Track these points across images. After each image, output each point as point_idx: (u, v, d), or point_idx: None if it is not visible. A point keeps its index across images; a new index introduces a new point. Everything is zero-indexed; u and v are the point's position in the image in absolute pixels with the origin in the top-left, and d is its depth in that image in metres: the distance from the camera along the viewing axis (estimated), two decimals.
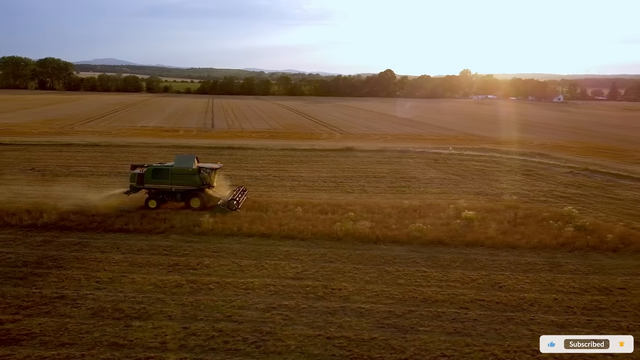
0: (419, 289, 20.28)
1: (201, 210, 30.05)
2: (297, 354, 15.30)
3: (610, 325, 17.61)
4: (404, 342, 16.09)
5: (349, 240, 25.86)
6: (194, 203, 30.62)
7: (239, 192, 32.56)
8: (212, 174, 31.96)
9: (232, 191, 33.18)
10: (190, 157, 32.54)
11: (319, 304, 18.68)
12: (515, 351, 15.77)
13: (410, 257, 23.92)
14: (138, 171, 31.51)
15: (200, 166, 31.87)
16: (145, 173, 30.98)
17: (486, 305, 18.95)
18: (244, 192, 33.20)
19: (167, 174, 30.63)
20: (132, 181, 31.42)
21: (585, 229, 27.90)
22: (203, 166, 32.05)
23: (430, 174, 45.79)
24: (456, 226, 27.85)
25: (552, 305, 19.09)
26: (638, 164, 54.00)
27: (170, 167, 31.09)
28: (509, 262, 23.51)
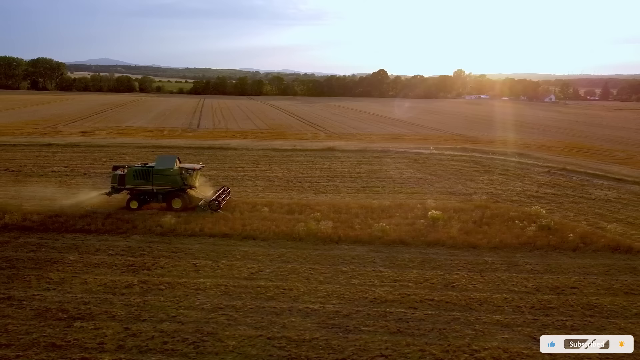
0: (371, 289, 20.27)
1: (183, 210, 29.92)
2: (234, 355, 15.26)
3: (554, 325, 17.64)
4: (345, 342, 16.06)
5: (310, 240, 25.83)
6: (175, 204, 30.49)
7: (222, 193, 32.44)
8: (193, 174, 31.80)
9: (214, 191, 33.04)
10: (172, 157, 32.38)
11: (267, 304, 18.63)
12: (455, 351, 15.77)
13: (369, 257, 23.91)
14: (119, 172, 31.31)
15: (182, 167, 31.71)
16: (127, 174, 30.85)
17: (435, 305, 18.95)
18: (227, 193, 33.06)
19: (148, 175, 30.49)
20: (113, 182, 31.28)
21: (550, 229, 27.99)
22: (185, 167, 31.91)
23: (407, 174, 45.83)
24: (420, 226, 27.86)
25: (501, 305, 19.11)
26: (616, 164, 54.21)
27: (152, 167, 30.94)
28: (467, 262, 23.53)
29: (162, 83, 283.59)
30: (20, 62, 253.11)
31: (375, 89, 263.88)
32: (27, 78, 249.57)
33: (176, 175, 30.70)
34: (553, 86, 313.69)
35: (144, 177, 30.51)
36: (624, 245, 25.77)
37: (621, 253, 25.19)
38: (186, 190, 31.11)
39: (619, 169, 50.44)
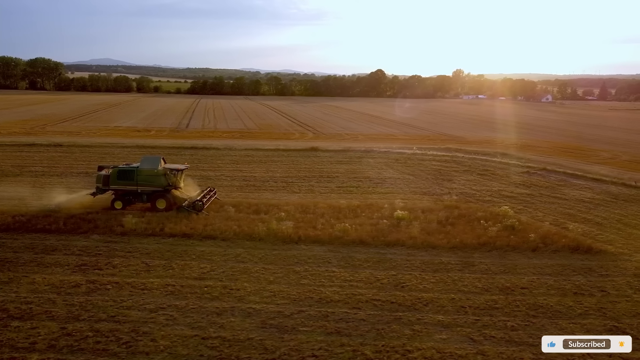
0: (319, 289, 20.24)
1: (167, 211, 29.86)
2: (164, 355, 15.24)
3: (495, 326, 17.59)
4: (279, 343, 16.04)
5: (270, 240, 25.80)
6: (159, 204, 30.45)
7: (207, 193, 32.40)
8: (178, 175, 31.75)
9: (200, 192, 32.98)
10: (156, 158, 32.34)
11: (210, 304, 18.61)
12: (388, 351, 15.73)
13: (326, 257, 23.88)
14: (104, 173, 31.27)
15: (166, 167, 31.65)
16: (111, 174, 30.81)
17: (379, 306, 18.91)
18: (212, 193, 33.03)
19: (133, 175, 30.46)
20: (98, 183, 31.22)
21: (513, 229, 27.96)
22: (169, 167, 31.84)
23: (386, 174, 45.78)
24: (383, 226, 27.84)
25: (446, 305, 19.07)
26: (598, 164, 54.12)
27: (136, 168, 30.89)
28: (423, 262, 23.48)
29: (160, 83, 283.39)
30: (18, 62, 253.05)
31: (373, 89, 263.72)
32: (25, 78, 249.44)
33: (160, 176, 30.67)
34: (552, 86, 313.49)
35: (129, 178, 30.50)
36: (584, 245, 25.70)
37: (580, 253, 25.14)
38: (170, 190, 31.05)
39: (599, 169, 50.33)
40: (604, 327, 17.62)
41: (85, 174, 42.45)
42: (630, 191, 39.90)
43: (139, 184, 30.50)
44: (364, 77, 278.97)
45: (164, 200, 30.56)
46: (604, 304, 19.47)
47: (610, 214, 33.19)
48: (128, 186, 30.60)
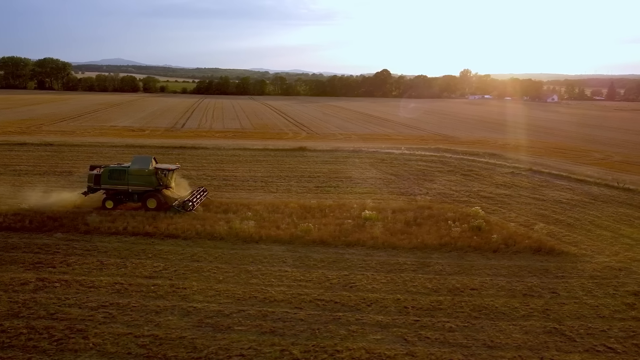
0: (267, 288, 20.26)
1: (157, 210, 30.00)
2: (92, 352, 15.35)
3: (433, 327, 17.50)
4: (210, 341, 16.08)
5: (231, 240, 25.87)
6: (150, 204, 30.63)
7: (198, 193, 32.54)
8: (168, 174, 31.91)
9: (191, 192, 33.12)
10: (147, 158, 32.55)
11: (152, 302, 18.71)
12: (317, 351, 15.72)
13: (282, 256, 23.89)
14: (95, 172, 31.51)
15: (157, 167, 31.84)
16: (102, 174, 31.06)
17: (322, 305, 18.89)
18: (203, 193, 33.18)
19: (123, 175, 30.69)
20: (89, 182, 31.47)
21: (480, 229, 27.80)
22: (160, 167, 32.03)
23: (369, 174, 45.66)
24: (347, 226, 27.80)
25: (390, 306, 19.00)
26: (588, 164, 53.63)
27: (127, 168, 31.13)
28: (378, 262, 23.42)
29: (166, 83, 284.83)
30: (27, 62, 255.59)
31: (379, 89, 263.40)
32: (34, 78, 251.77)
33: (151, 176, 30.86)
34: (559, 86, 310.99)
35: (120, 177, 30.73)
36: (546, 246, 25.50)
37: (542, 255, 24.94)
38: (161, 190, 31.21)
39: (586, 169, 49.81)
40: (543, 329, 17.47)
41: (68, 173, 42.91)
42: (611, 192, 39.46)
43: (129, 184, 30.70)
44: (370, 77, 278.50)
45: (155, 199, 30.71)
46: (551, 306, 19.29)
47: (585, 215, 32.86)
48: (119, 186, 30.82)
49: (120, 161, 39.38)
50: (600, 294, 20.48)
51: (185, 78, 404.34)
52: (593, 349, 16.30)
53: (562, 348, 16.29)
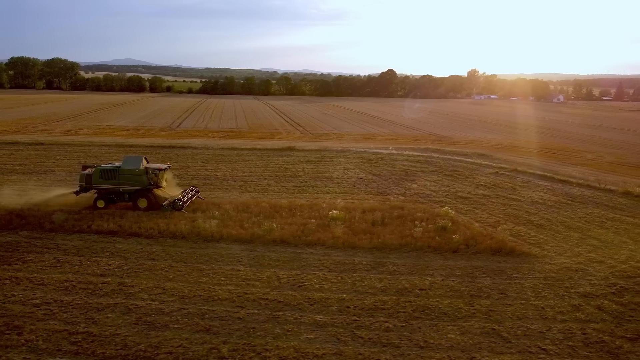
0: (214, 287, 20.35)
1: (148, 210, 30.23)
2: (23, 349, 15.53)
3: (371, 327, 17.48)
4: (142, 339, 16.20)
5: (193, 238, 26.01)
6: (141, 203, 30.88)
7: (189, 193, 32.78)
8: (159, 174, 32.14)
9: (182, 191, 33.28)
10: (138, 158, 32.79)
11: (96, 300, 18.87)
12: (245, 349, 15.77)
13: (239, 255, 23.99)
14: (87, 172, 31.82)
15: (148, 167, 32.08)
16: (94, 174, 31.35)
17: (264, 304, 18.95)
18: (194, 193, 33.40)
19: (114, 175, 30.96)
20: (81, 181, 31.78)
21: (445, 230, 27.68)
22: (151, 167, 32.27)
23: (351, 174, 45.63)
24: (312, 226, 27.83)
25: (332, 305, 19.00)
26: (576, 165, 53.24)
27: (118, 167, 31.41)
28: (334, 262, 23.42)
29: (172, 83, 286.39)
30: (36, 63, 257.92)
31: (384, 89, 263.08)
32: (42, 78, 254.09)
33: (142, 175, 31.06)
34: (567, 86, 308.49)
35: (111, 177, 30.98)
36: (507, 247, 25.34)
37: (501, 255, 24.80)
38: (152, 189, 31.44)
39: (573, 170, 49.41)
40: (481, 330, 17.38)
41: (51, 172, 43.34)
42: (592, 193, 39.09)
43: (120, 183, 30.92)
44: (375, 78, 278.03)
45: (145, 199, 30.93)
46: (496, 307, 19.19)
47: (558, 215, 32.58)
48: (110, 185, 31.05)
49: (111, 160, 39.72)
50: (549, 295, 20.32)
51: (193, 78, 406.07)
52: (526, 350, 16.19)
53: (494, 349, 16.20)
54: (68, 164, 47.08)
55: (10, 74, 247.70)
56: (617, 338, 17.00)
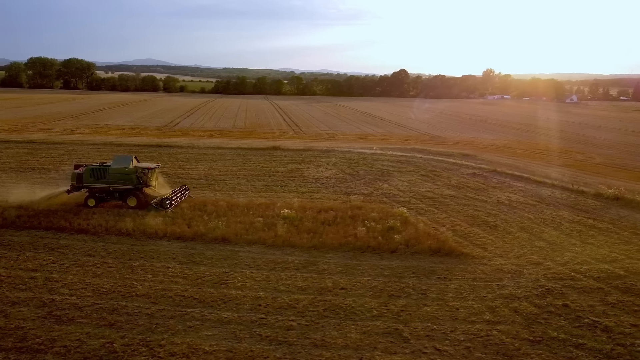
0: (136, 283, 20.64)
1: (138, 208, 30.76)
2: None
3: (274, 325, 17.55)
4: (44, 332, 16.54)
5: (137, 235, 26.41)
6: (130, 202, 31.45)
7: (179, 192, 33.30)
8: (148, 173, 32.63)
9: (172, 190, 33.81)
10: (128, 157, 33.43)
11: (16, 294, 19.31)
12: (139, 345, 16.01)
13: (176, 253, 24.28)
14: (78, 171, 32.47)
15: (138, 166, 32.64)
16: (84, 173, 31.99)
17: (178, 301, 19.17)
18: (184, 192, 33.92)
19: (105, 174, 31.57)
20: (72, 180, 32.46)
21: (393, 229, 27.60)
22: (140, 166, 32.83)
23: (326, 173, 45.66)
24: (258, 224, 28.00)
25: (246, 303, 19.13)
26: (560, 166, 52.63)
27: (108, 167, 32.06)
28: (267, 261, 23.56)
29: (186, 83, 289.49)
30: (53, 63, 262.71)
31: (395, 89, 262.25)
32: (60, 78, 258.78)
33: (131, 174, 31.61)
34: (587, 86, 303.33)
35: (101, 176, 31.58)
36: (445, 248, 25.16)
37: (440, 256, 24.64)
38: (142, 188, 31.97)
39: (554, 171, 48.78)
40: (384, 330, 17.33)
41: (31, 170, 44.29)
42: (562, 194, 38.50)
43: (110, 182, 31.47)
44: (387, 77, 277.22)
45: (135, 198, 31.45)
46: (410, 307, 19.10)
47: (518, 217, 32.21)
48: (101, 184, 31.63)
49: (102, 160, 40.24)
50: (469, 297, 20.16)
51: (211, 78, 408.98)
52: (420, 350, 16.12)
53: (389, 349, 16.16)
54: (50, 162, 48.10)
55: (29, 74, 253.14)
56: (520, 340, 16.80)
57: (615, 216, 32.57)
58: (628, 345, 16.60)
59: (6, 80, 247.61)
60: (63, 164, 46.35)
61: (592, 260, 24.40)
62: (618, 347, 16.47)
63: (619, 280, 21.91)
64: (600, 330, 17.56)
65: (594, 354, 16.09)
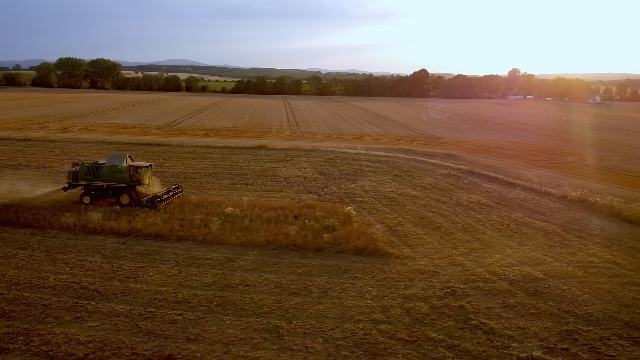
0: (50, 275, 21.31)
1: (130, 206, 31.78)
2: None
3: (160, 319, 17.92)
4: None
5: (78, 230, 27.27)
6: (123, 199, 32.50)
7: (170, 190, 34.22)
8: (140, 171, 33.67)
9: (166, 189, 34.61)
10: (122, 156, 34.63)
11: None
12: (20, 333, 16.57)
13: (106, 247, 24.97)
14: (74, 169, 33.78)
15: (131, 164, 33.76)
16: (80, 171, 33.23)
17: (80, 294, 19.75)
18: (177, 190, 34.81)
19: (99, 172, 32.74)
20: (68, 178, 33.75)
21: (331, 229, 27.71)
22: (133, 165, 33.94)
23: (299, 173, 45.88)
24: (197, 222, 28.51)
25: (143, 297, 19.56)
26: (545, 168, 51.51)
27: (102, 165, 33.28)
28: (188, 257, 23.99)
29: (208, 83, 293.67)
30: (81, 63, 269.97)
31: (415, 89, 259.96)
32: (87, 78, 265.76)
33: (124, 172, 32.70)
34: (615, 86, 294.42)
35: (95, 174, 32.73)
36: (370, 247, 25.14)
37: (363, 255, 24.66)
38: (134, 186, 33.01)
39: (532, 172, 47.72)
40: (263, 327, 17.49)
41: (15, 167, 45.91)
42: (528, 196, 37.76)
43: (104, 180, 32.57)
44: (407, 78, 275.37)
45: (127, 195, 32.45)
46: (303, 305, 19.20)
47: (468, 218, 31.84)
48: (95, 182, 32.73)
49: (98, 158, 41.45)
50: (370, 296, 20.15)
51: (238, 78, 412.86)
52: (288, 347, 16.24)
53: (258, 345, 16.35)
54: (37, 159, 49.73)
55: (58, 74, 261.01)
56: (394, 340, 16.76)
57: (568, 219, 31.86)
58: (502, 347, 16.39)
59: (37, 80, 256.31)
60: (50, 162, 48.04)
61: (518, 263, 24.02)
62: (491, 349, 16.28)
63: (532, 284, 21.55)
64: (483, 332, 17.37)
65: (462, 355, 15.95)
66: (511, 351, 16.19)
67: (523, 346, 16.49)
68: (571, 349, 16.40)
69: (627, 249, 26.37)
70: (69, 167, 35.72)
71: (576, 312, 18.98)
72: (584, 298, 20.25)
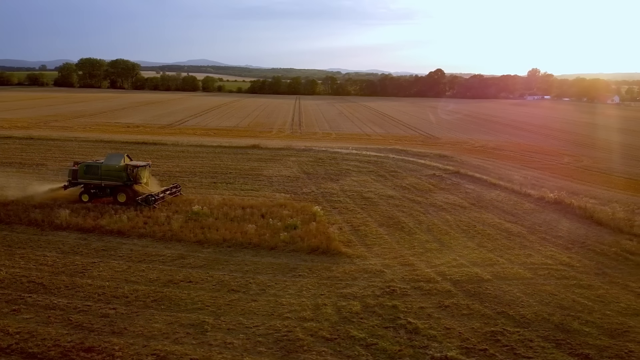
0: (3, 269, 22.02)
1: (127, 204, 32.50)
2: None
3: (94, 312, 18.40)
4: None
5: (45, 225, 28.04)
6: (120, 198, 33.40)
7: (169, 189, 35.13)
8: (137, 170, 34.48)
9: (164, 188, 35.55)
10: (119, 155, 35.60)
11: None
12: None
13: (65, 243, 25.65)
14: (74, 167, 34.82)
15: (128, 164, 34.65)
16: (79, 169, 34.27)
17: (26, 287, 20.31)
18: (175, 190, 35.69)
19: (97, 171, 33.71)
20: (69, 177, 34.82)
21: (295, 228, 27.92)
22: (131, 164, 34.83)
23: (284, 172, 46.19)
24: (160, 219, 29.04)
25: (84, 292, 20.06)
26: (535, 169, 50.86)
27: (101, 164, 34.27)
28: (142, 254, 24.47)
29: (225, 83, 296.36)
30: (102, 63, 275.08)
31: (431, 89, 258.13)
32: (107, 78, 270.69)
33: (121, 171, 33.61)
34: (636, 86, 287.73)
35: (94, 173, 33.69)
36: (323, 247, 25.26)
37: (315, 254, 24.80)
38: (131, 185, 33.89)
39: (520, 174, 47.16)
40: (190, 322, 17.79)
41: (8, 164, 47.26)
42: (505, 197, 37.36)
43: (102, 179, 33.51)
44: (422, 78, 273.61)
45: (124, 194, 33.29)
46: (237, 302, 19.46)
47: (436, 218, 31.71)
48: (94, 180, 33.68)
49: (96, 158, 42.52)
50: (308, 294, 20.27)
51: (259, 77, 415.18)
52: (208, 342, 16.51)
53: (179, 340, 16.66)
54: (32, 157, 51.07)
55: (79, 74, 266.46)
56: (315, 338, 16.90)
57: (539, 221, 31.48)
58: (420, 347, 16.41)
59: (59, 80, 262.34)
60: (44, 160, 49.32)
61: (469, 264, 23.90)
62: (408, 348, 16.31)
63: (475, 285, 21.45)
64: (406, 331, 17.39)
65: (377, 354, 16.03)
66: (427, 351, 16.20)
67: (441, 346, 16.48)
68: (489, 350, 16.33)
69: (587, 251, 25.99)
70: (63, 166, 36.45)
71: (508, 314, 18.85)
72: (522, 300, 20.09)
